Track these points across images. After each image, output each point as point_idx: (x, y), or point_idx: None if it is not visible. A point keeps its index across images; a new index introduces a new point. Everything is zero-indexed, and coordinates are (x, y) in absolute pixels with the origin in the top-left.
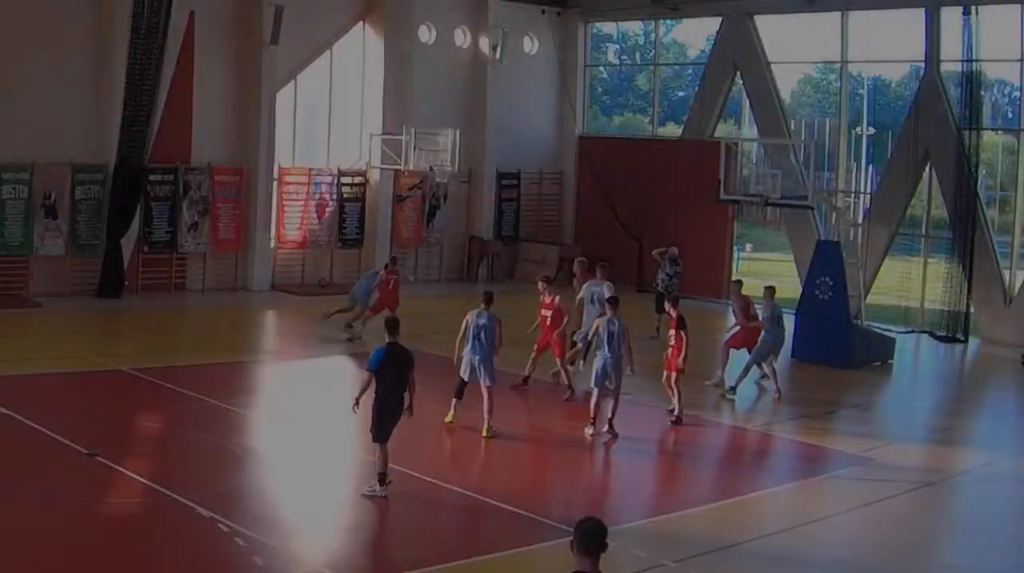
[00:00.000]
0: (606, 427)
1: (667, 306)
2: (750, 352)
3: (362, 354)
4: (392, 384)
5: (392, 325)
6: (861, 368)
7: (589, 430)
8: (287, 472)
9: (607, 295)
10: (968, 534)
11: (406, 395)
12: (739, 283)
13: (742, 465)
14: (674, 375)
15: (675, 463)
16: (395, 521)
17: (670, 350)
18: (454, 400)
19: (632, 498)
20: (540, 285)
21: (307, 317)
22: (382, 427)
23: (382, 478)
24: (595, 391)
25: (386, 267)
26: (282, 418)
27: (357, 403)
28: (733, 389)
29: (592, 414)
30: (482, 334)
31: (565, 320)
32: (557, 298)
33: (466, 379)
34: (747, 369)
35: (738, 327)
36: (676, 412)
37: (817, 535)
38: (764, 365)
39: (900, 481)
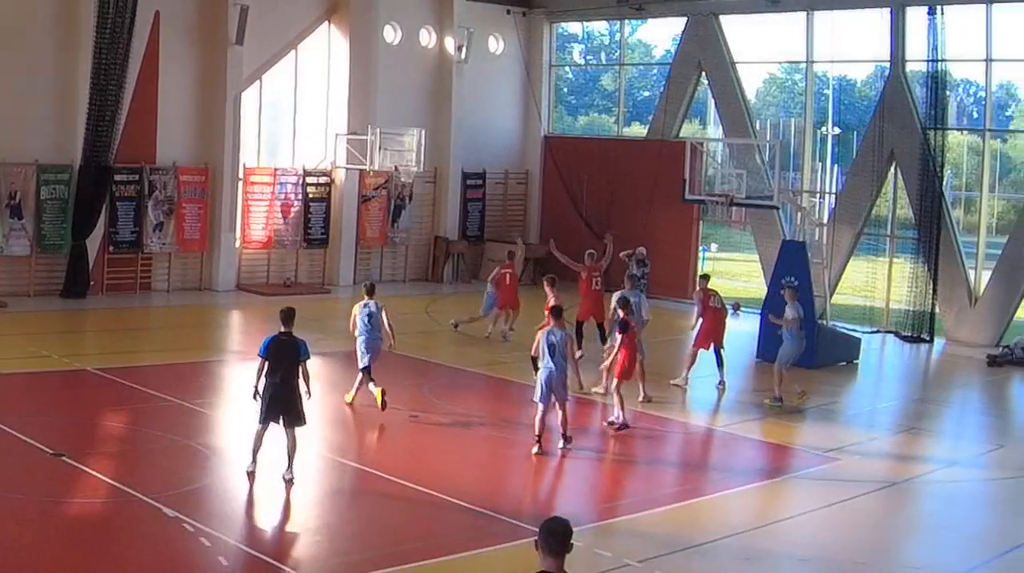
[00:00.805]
0: (561, 443)
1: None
2: (717, 348)
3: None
4: (279, 371)
5: (285, 315)
6: (826, 368)
7: (535, 449)
8: (252, 472)
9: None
10: (933, 534)
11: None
12: (706, 278)
13: (707, 465)
14: (616, 382)
15: (640, 463)
16: (361, 521)
17: (617, 356)
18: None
19: (597, 498)
20: (546, 286)
21: (272, 317)
22: (265, 409)
23: (254, 455)
24: (539, 407)
25: (503, 263)
26: (246, 418)
27: (256, 390)
28: (779, 400)
29: (537, 431)
30: (368, 320)
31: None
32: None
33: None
34: (780, 378)
35: (698, 326)
36: (620, 420)
37: (782, 535)
38: (786, 369)
39: (865, 481)
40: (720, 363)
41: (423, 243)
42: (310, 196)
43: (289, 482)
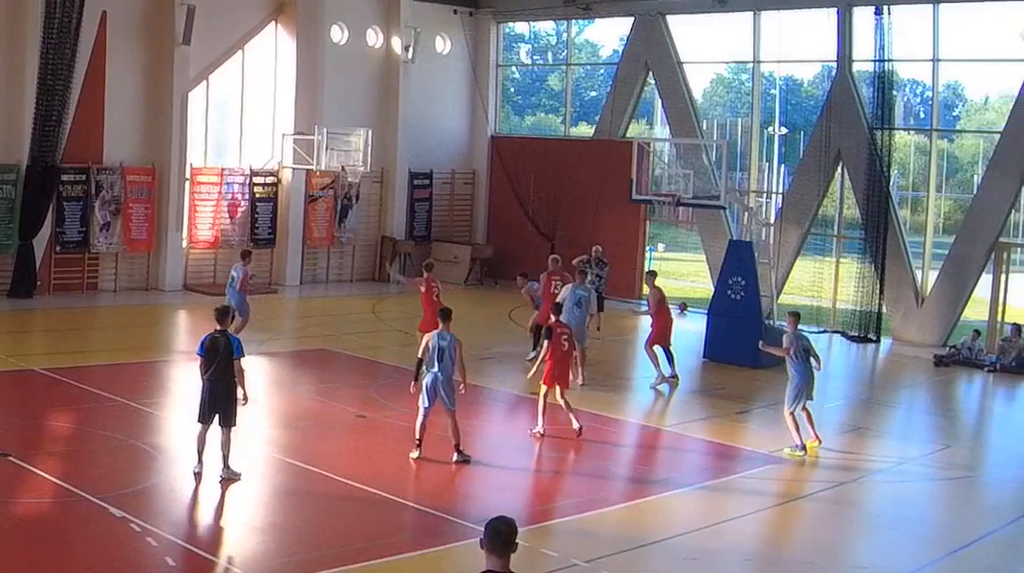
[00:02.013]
0: (455, 456)
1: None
2: (667, 346)
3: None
4: (214, 369)
5: (220, 313)
6: (773, 368)
7: (415, 454)
8: (199, 471)
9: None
10: (880, 533)
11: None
12: (653, 274)
13: (655, 465)
14: (546, 389)
15: (587, 463)
16: (308, 521)
17: (543, 366)
18: None
19: (544, 498)
20: (519, 281)
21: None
22: (202, 408)
23: (199, 455)
24: (422, 411)
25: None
26: (193, 417)
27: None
28: (801, 447)
29: (417, 436)
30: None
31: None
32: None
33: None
34: (794, 422)
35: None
36: (578, 427)
37: (728, 535)
38: (798, 410)
39: (812, 481)
40: (671, 358)
41: (370, 243)
42: (257, 196)
43: (225, 482)
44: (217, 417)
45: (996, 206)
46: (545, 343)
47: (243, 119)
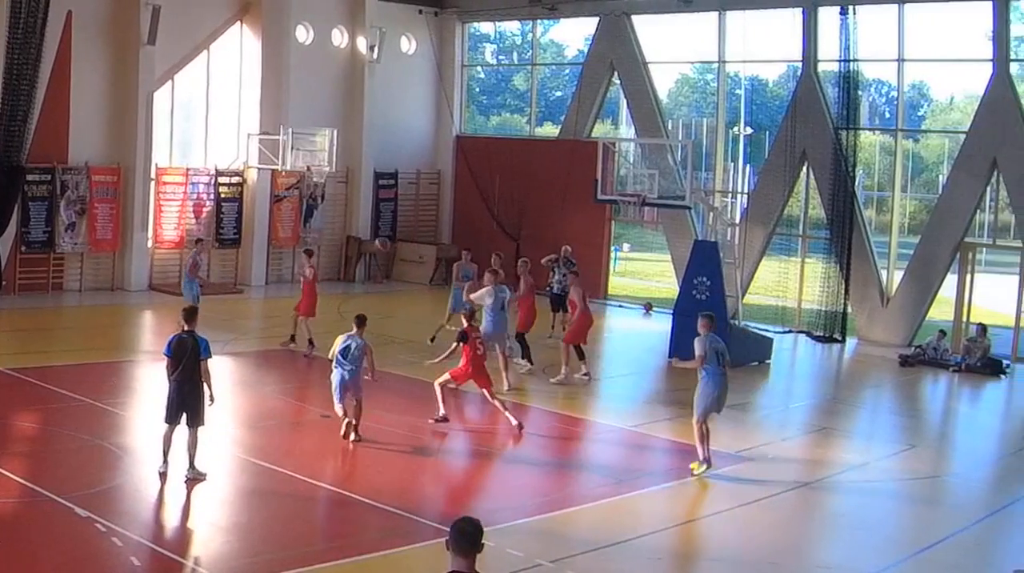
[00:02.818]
0: (353, 435)
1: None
2: (580, 344)
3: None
4: (181, 370)
5: (187, 314)
6: (738, 368)
7: (354, 437)
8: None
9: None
10: (845, 534)
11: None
12: (575, 274)
13: (620, 465)
14: (448, 378)
15: (552, 463)
16: (272, 520)
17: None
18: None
19: (510, 498)
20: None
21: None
22: (170, 408)
23: (165, 455)
24: (339, 407)
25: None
26: (159, 417)
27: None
28: (706, 462)
29: (344, 424)
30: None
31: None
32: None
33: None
34: (701, 432)
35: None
36: (517, 423)
37: (694, 535)
38: (704, 422)
39: (777, 481)
40: (582, 355)
41: (335, 243)
42: (222, 196)
43: (191, 482)
44: (185, 417)
45: (961, 206)
46: (457, 345)
47: (208, 119)
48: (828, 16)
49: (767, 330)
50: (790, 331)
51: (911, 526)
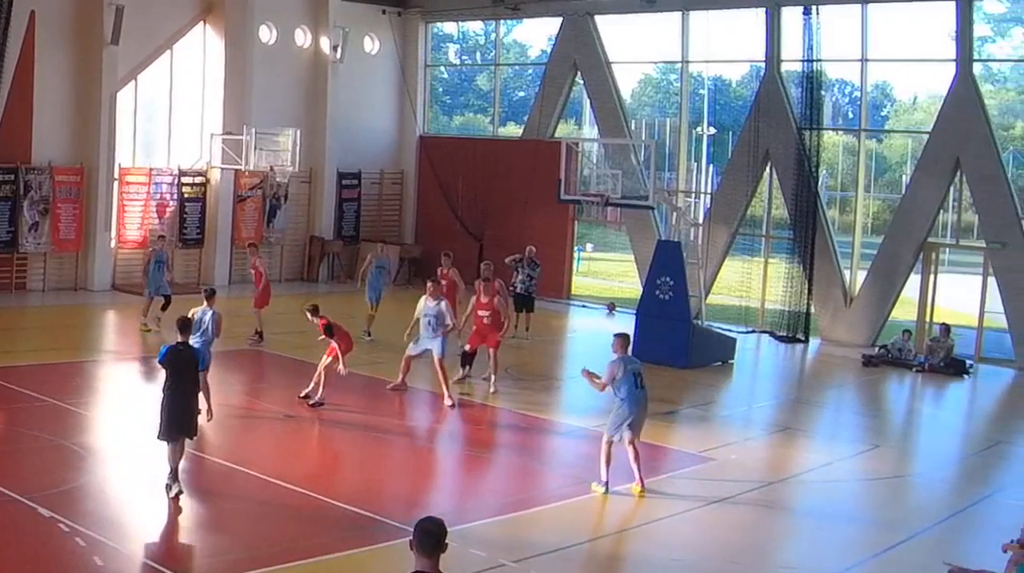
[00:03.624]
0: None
1: (309, 315)
2: (490, 346)
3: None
4: (176, 383)
5: (181, 324)
6: (702, 368)
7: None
8: (127, 472)
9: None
10: (808, 534)
11: (202, 397)
12: (489, 267)
13: (582, 466)
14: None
15: (515, 464)
16: (235, 520)
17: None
18: None
19: (473, 498)
20: (477, 285)
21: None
22: (167, 423)
23: (174, 474)
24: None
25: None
26: (122, 417)
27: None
28: (606, 486)
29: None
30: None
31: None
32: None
33: None
34: (607, 454)
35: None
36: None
37: (656, 535)
38: (617, 441)
39: (740, 481)
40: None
41: (298, 243)
42: (185, 196)
43: (169, 491)
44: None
45: (925, 206)
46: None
47: (171, 119)
48: (791, 16)
49: (730, 330)
50: (753, 331)
51: (874, 526)
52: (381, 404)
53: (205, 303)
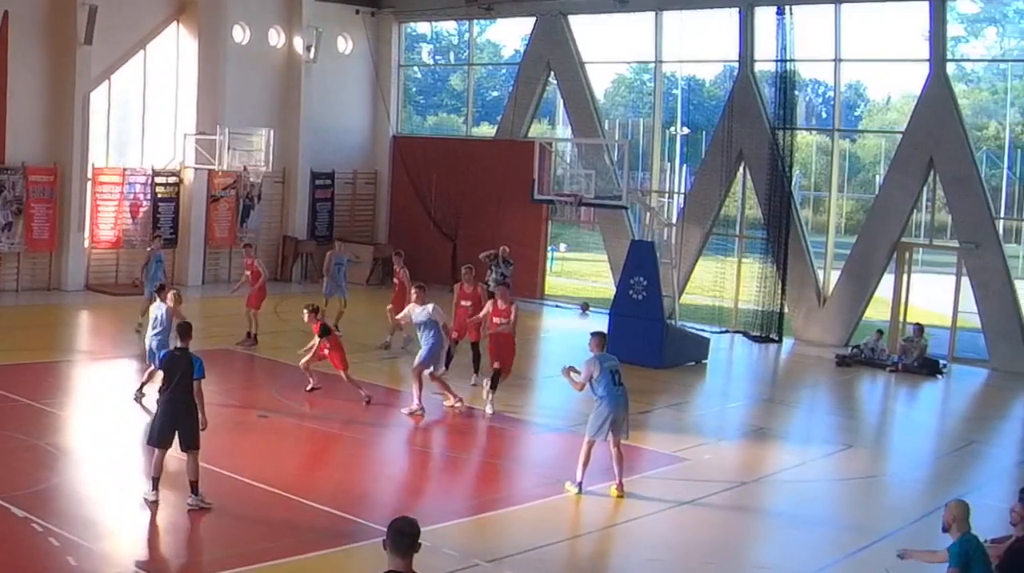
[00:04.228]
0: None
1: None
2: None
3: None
4: (172, 388)
5: (182, 330)
6: (675, 368)
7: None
8: (101, 472)
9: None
10: (782, 534)
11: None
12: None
13: (556, 466)
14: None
15: (489, 464)
16: (210, 521)
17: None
18: None
19: (446, 498)
20: (463, 271)
21: (121, 317)
22: (158, 429)
23: (155, 483)
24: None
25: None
26: (96, 417)
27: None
28: (579, 486)
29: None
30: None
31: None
32: (480, 286)
33: None
34: (587, 454)
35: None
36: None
37: (630, 535)
38: (601, 441)
39: (714, 481)
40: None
41: (272, 243)
42: (159, 196)
43: (195, 511)
44: (179, 441)
45: (898, 206)
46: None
47: (145, 119)
48: (764, 16)
49: (704, 330)
50: (727, 331)
51: (847, 526)
52: (355, 405)
53: (158, 300)
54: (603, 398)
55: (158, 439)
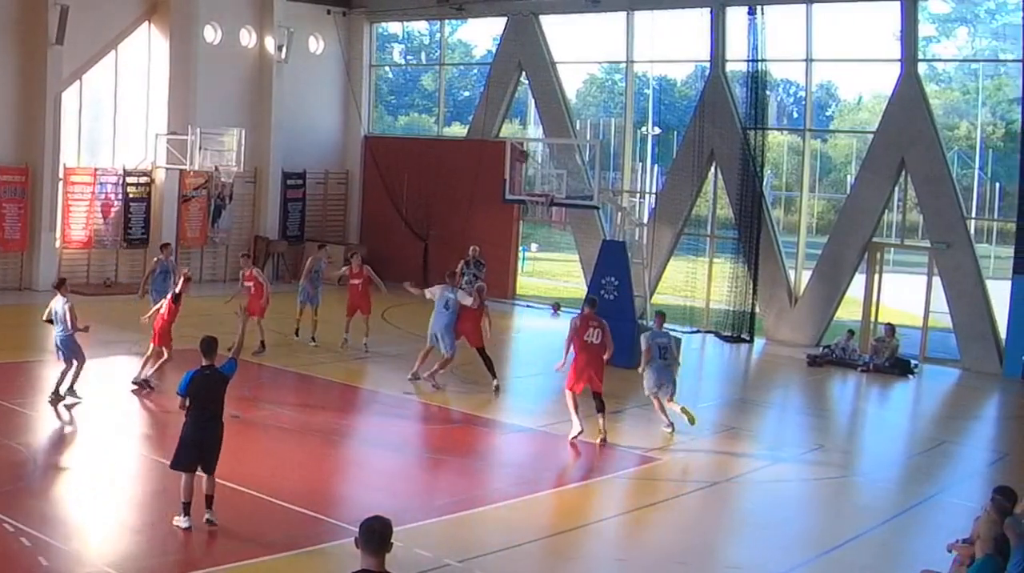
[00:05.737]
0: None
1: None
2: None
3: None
4: (205, 410)
5: (206, 346)
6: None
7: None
8: (73, 472)
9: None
10: (753, 533)
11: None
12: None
13: (528, 465)
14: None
15: (461, 464)
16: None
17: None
18: None
19: (418, 498)
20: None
21: (92, 317)
22: (186, 453)
23: (186, 508)
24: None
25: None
26: (67, 417)
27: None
28: (671, 425)
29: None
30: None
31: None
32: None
33: None
34: (658, 403)
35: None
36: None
37: (602, 535)
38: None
39: (685, 481)
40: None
41: (243, 243)
42: (130, 196)
43: (212, 526)
44: (200, 464)
45: (869, 206)
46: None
47: (116, 119)
48: (736, 16)
49: (675, 330)
50: (698, 331)
51: (819, 526)
52: (326, 404)
53: (57, 294)
54: (651, 368)
55: (185, 464)
